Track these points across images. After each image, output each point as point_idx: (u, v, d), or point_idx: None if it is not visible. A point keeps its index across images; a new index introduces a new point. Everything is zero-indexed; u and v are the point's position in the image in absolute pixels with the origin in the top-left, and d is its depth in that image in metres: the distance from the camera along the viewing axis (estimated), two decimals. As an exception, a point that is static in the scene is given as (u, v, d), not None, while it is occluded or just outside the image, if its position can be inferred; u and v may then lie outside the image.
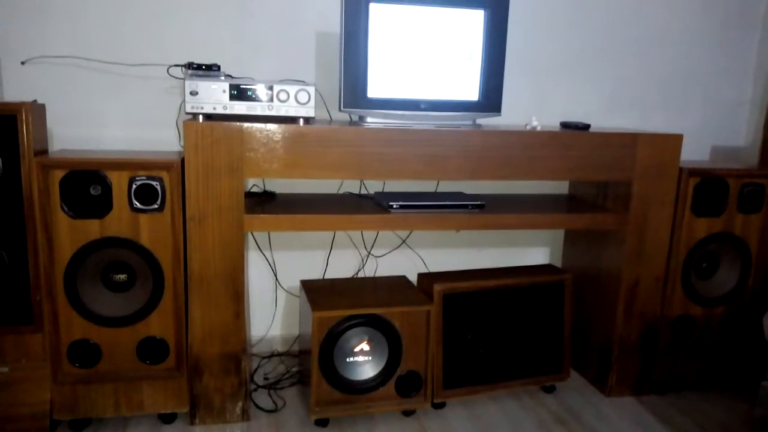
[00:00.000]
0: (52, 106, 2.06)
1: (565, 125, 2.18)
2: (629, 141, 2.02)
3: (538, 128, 2.04)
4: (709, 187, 2.13)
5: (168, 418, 1.91)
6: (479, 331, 2.09)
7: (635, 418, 2.06)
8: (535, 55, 2.44)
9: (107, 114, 2.14)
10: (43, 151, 1.81)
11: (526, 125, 2.12)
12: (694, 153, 2.65)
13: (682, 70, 2.60)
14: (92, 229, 1.75)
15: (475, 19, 1.97)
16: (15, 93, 2.05)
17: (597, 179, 2.05)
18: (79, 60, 2.08)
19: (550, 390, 2.22)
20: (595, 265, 2.26)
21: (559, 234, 2.58)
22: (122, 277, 1.81)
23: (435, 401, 2.05)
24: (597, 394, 2.21)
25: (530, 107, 2.47)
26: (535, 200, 2.30)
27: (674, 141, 2.06)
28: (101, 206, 1.75)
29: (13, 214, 1.72)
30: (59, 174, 1.71)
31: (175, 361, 1.87)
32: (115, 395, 1.85)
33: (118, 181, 1.74)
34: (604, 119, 2.56)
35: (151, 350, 1.86)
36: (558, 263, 2.58)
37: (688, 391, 2.26)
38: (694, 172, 2.10)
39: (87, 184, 1.73)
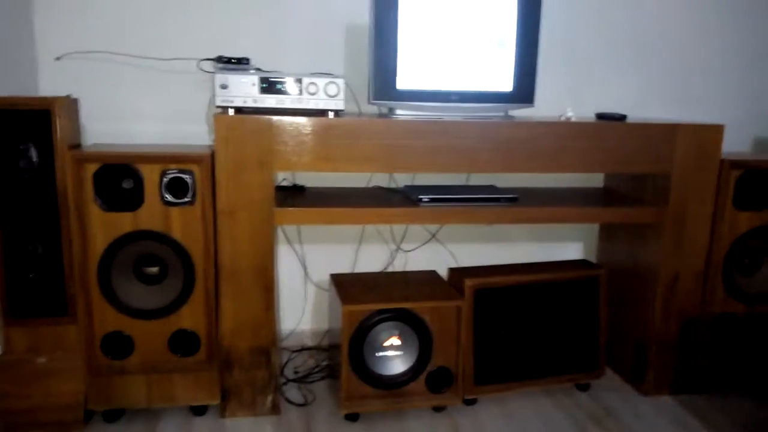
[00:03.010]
0: (85, 101, 2.09)
1: (600, 116, 2.12)
2: (668, 132, 1.96)
3: (573, 119, 1.99)
4: (751, 180, 2.05)
5: (199, 410, 1.93)
6: (511, 326, 2.05)
7: (675, 418, 2.00)
8: (570, 44, 2.38)
9: (139, 108, 2.16)
10: (77, 145, 1.83)
11: (560, 116, 2.07)
12: (735, 144, 2.56)
13: (723, 60, 2.51)
14: (125, 222, 1.77)
15: (509, 4, 1.92)
16: (50, 88, 2.08)
17: (634, 172, 1.99)
18: (111, 55, 2.10)
19: (584, 388, 2.17)
20: (632, 261, 2.20)
21: (593, 228, 2.51)
22: (154, 269, 1.83)
23: (466, 397, 2.02)
24: (633, 392, 2.15)
25: (565, 98, 2.41)
26: (568, 194, 2.25)
27: (715, 131, 1.98)
28: (133, 199, 1.76)
29: (48, 207, 1.75)
30: (92, 167, 1.73)
31: (206, 353, 1.88)
32: (148, 387, 1.87)
33: (150, 175, 1.75)
34: (641, 110, 2.49)
35: (183, 343, 1.87)
36: (592, 258, 2.52)
37: (730, 392, 2.18)
38: (736, 163, 2.02)
39: (119, 177, 1.75)
